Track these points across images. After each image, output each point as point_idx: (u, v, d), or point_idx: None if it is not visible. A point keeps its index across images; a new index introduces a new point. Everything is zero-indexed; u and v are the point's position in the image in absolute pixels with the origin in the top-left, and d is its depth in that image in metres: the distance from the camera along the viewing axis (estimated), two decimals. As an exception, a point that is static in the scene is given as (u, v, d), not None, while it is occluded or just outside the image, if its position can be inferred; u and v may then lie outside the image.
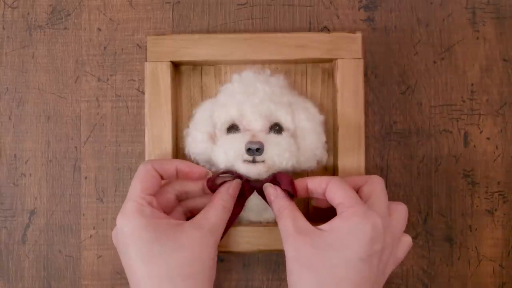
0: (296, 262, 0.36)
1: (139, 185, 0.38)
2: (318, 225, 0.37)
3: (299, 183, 0.40)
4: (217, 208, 0.39)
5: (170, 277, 0.35)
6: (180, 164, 0.40)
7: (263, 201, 0.41)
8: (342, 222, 0.36)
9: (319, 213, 0.44)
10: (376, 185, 0.39)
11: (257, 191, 0.41)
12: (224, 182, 0.41)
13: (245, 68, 0.45)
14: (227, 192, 0.40)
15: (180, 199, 0.42)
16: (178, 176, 0.40)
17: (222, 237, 0.40)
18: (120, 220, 0.37)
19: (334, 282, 0.35)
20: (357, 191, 0.40)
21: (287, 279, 0.37)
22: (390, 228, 0.37)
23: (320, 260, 0.36)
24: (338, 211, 0.37)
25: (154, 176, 0.39)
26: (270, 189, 0.40)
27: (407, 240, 0.39)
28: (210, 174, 0.41)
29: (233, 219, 0.41)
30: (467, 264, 0.47)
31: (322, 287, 0.35)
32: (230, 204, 0.40)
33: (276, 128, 0.42)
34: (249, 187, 0.41)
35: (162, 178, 0.40)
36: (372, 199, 0.38)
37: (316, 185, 0.39)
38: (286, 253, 0.37)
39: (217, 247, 0.38)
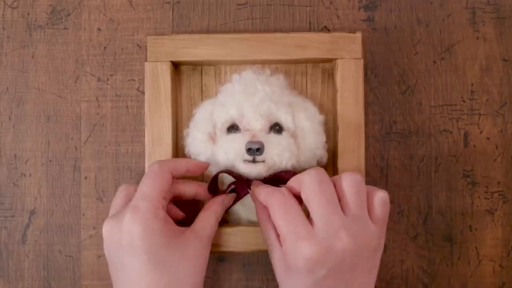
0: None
1: (157, 187, 0.37)
2: None
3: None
4: (211, 219, 0.40)
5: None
6: (189, 163, 0.41)
7: None
8: (284, 256, 0.36)
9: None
10: (344, 184, 0.36)
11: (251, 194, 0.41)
12: (220, 191, 0.42)
13: (245, 68, 0.45)
14: (222, 203, 0.41)
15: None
16: (186, 174, 0.41)
17: None
18: (131, 220, 0.34)
19: None
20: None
21: None
22: (357, 227, 0.35)
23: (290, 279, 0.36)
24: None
25: (168, 180, 0.38)
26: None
27: (381, 195, 0.36)
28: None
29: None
30: (467, 264, 0.47)
31: None
32: (221, 215, 0.41)
33: (276, 128, 0.42)
34: (244, 189, 0.41)
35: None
36: (341, 202, 0.36)
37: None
38: None
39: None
